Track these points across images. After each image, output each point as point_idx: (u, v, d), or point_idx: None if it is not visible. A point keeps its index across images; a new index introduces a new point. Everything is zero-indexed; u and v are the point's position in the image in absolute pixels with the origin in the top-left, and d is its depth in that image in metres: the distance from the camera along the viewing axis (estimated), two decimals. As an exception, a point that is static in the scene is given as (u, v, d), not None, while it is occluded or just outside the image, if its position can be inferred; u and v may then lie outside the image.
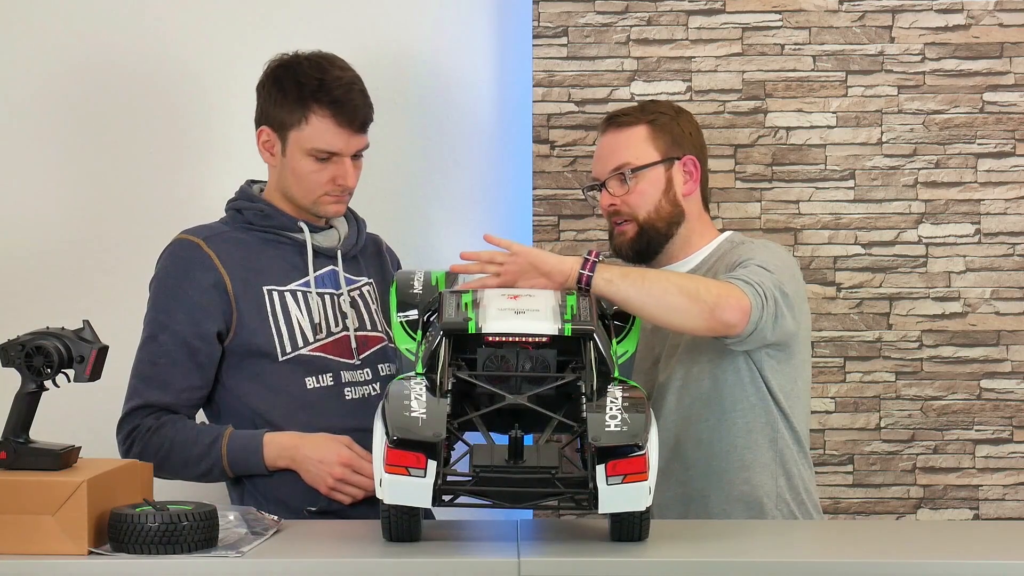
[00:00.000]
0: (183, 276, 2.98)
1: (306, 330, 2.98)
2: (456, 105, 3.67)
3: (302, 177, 2.99)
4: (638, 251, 3.08)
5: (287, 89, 2.98)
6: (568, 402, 2.51)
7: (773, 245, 3.07)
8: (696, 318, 2.75)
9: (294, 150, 2.99)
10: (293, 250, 3.03)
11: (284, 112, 2.99)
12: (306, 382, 2.97)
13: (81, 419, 3.18)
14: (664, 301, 2.73)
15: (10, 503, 2.40)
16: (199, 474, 2.94)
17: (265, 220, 3.03)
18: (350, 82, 2.99)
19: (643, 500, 2.38)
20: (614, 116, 3.13)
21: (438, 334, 2.51)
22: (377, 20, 3.67)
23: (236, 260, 2.99)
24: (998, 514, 3.56)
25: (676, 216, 3.06)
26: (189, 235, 3.03)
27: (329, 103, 2.95)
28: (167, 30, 3.67)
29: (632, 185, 3.05)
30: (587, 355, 2.49)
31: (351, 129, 2.97)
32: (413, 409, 2.38)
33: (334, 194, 3.01)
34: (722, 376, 2.95)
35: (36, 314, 2.95)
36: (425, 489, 2.34)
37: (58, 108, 3.68)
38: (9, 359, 2.53)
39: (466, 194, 3.69)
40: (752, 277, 2.83)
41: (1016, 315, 3.57)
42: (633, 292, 2.72)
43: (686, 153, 3.08)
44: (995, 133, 3.57)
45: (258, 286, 2.97)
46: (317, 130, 2.97)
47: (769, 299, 2.82)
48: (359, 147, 3.01)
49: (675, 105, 3.17)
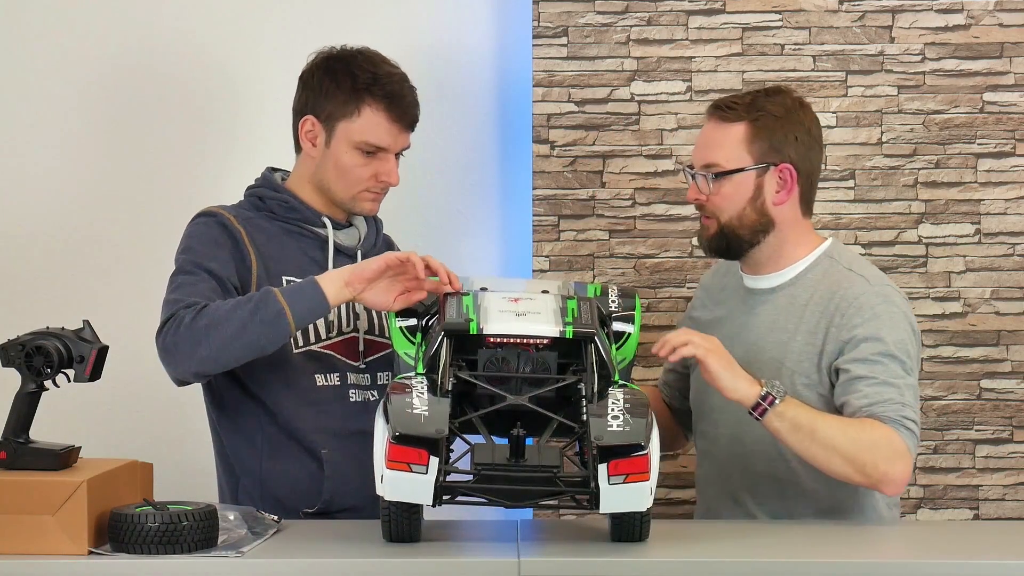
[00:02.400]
0: (219, 237, 2.92)
1: (319, 325, 2.96)
2: (456, 105, 3.67)
3: (346, 170, 2.97)
4: (717, 250, 2.99)
5: (340, 80, 2.96)
6: (568, 405, 2.51)
7: (889, 292, 2.92)
8: (857, 481, 2.79)
9: (341, 142, 2.97)
10: (314, 244, 3.01)
11: (335, 103, 2.96)
12: (316, 378, 2.96)
13: (81, 419, 3.18)
14: (828, 465, 2.77)
15: (10, 503, 2.40)
16: (253, 338, 2.74)
17: (289, 212, 3.00)
18: (402, 79, 2.99)
19: (644, 500, 2.38)
20: (720, 105, 2.98)
21: (439, 335, 2.51)
22: (377, 20, 3.67)
23: (260, 244, 2.96)
24: (998, 514, 3.56)
25: (763, 225, 2.94)
26: (217, 208, 2.98)
27: (383, 97, 2.95)
28: (168, 31, 3.67)
29: (717, 187, 2.93)
30: (588, 358, 2.49)
31: (401, 125, 2.98)
32: (415, 406, 2.38)
33: (374, 191, 3.00)
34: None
35: (36, 314, 2.95)
36: (427, 486, 2.34)
37: (58, 108, 3.68)
38: (9, 359, 2.53)
39: (466, 194, 3.69)
40: (907, 412, 2.77)
41: (1016, 315, 3.57)
42: (798, 447, 2.76)
43: (784, 160, 2.93)
44: (995, 133, 3.57)
45: (278, 275, 2.95)
46: (369, 123, 2.96)
47: (918, 430, 2.81)
48: (404, 145, 3.01)
49: (792, 100, 2.99)
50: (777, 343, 2.94)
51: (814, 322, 2.91)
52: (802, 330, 2.92)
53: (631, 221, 3.59)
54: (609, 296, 2.74)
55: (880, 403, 2.78)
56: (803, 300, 2.94)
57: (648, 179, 3.59)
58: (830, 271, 2.96)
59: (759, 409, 2.72)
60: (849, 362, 2.84)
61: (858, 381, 2.81)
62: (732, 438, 2.98)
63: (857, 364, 2.83)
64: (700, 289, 3.20)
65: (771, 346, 2.94)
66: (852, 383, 2.82)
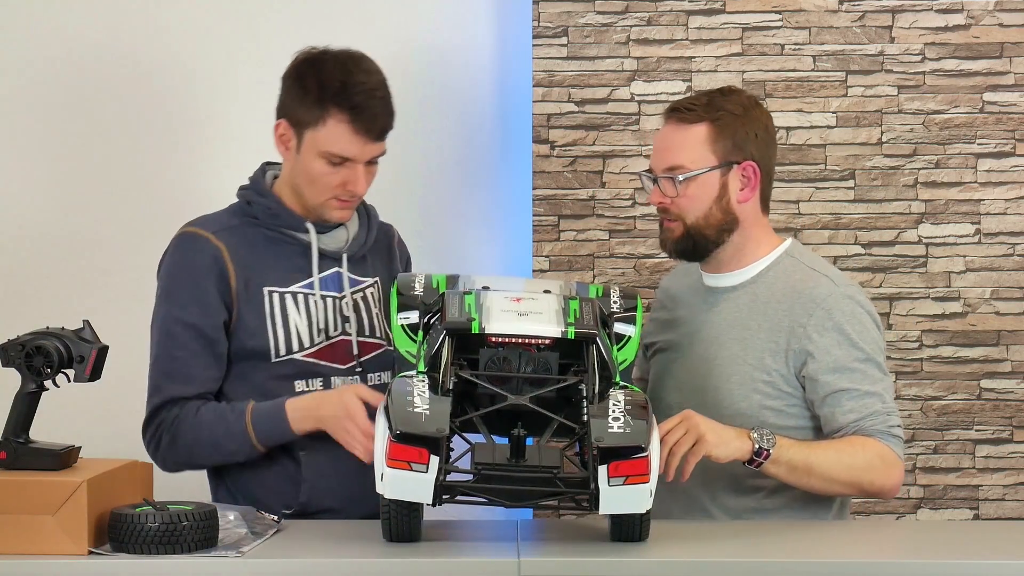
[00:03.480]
0: (193, 268, 2.94)
1: (303, 334, 2.95)
2: (456, 105, 3.67)
3: (313, 178, 2.95)
4: (683, 252, 2.99)
5: (308, 87, 2.93)
6: (569, 406, 2.51)
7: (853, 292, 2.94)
8: (858, 497, 2.98)
9: (308, 149, 2.94)
10: (298, 251, 2.99)
11: (303, 110, 2.94)
12: (295, 385, 2.95)
13: (81, 419, 3.18)
14: (828, 492, 2.86)
15: (10, 503, 2.40)
16: (230, 453, 2.89)
17: (272, 218, 2.99)
18: (372, 88, 2.93)
19: (644, 502, 2.38)
20: (677, 108, 2.98)
21: (441, 333, 2.51)
22: (377, 20, 3.67)
23: (241, 257, 2.95)
24: (998, 514, 3.56)
25: (728, 224, 2.95)
26: (197, 228, 2.98)
27: (348, 108, 2.90)
28: (168, 30, 3.67)
29: (683, 189, 2.93)
30: (589, 359, 2.49)
31: (367, 136, 2.92)
32: (416, 404, 2.38)
33: (342, 198, 2.96)
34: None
35: (36, 314, 2.95)
36: (427, 485, 2.34)
37: (57, 107, 3.68)
38: (9, 359, 2.53)
39: (466, 194, 3.68)
40: (891, 420, 2.84)
41: (1016, 315, 3.57)
42: (797, 484, 2.82)
43: (747, 158, 2.93)
44: (995, 133, 3.57)
45: (259, 287, 2.95)
46: (333, 133, 2.91)
47: (902, 428, 2.88)
48: (374, 154, 2.96)
49: (747, 98, 2.99)
50: (738, 339, 2.94)
51: (776, 319, 2.92)
52: (764, 327, 2.92)
53: (631, 221, 3.59)
54: (611, 297, 2.73)
55: (867, 417, 2.83)
56: (764, 297, 2.95)
57: (648, 179, 3.59)
58: (792, 269, 2.96)
59: (755, 463, 2.77)
60: (827, 372, 2.86)
61: (841, 395, 2.85)
62: None
63: (836, 376, 2.85)
64: (659, 291, 3.20)
65: (731, 342, 2.95)
66: (835, 397, 2.85)
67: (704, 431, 2.73)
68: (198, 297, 2.92)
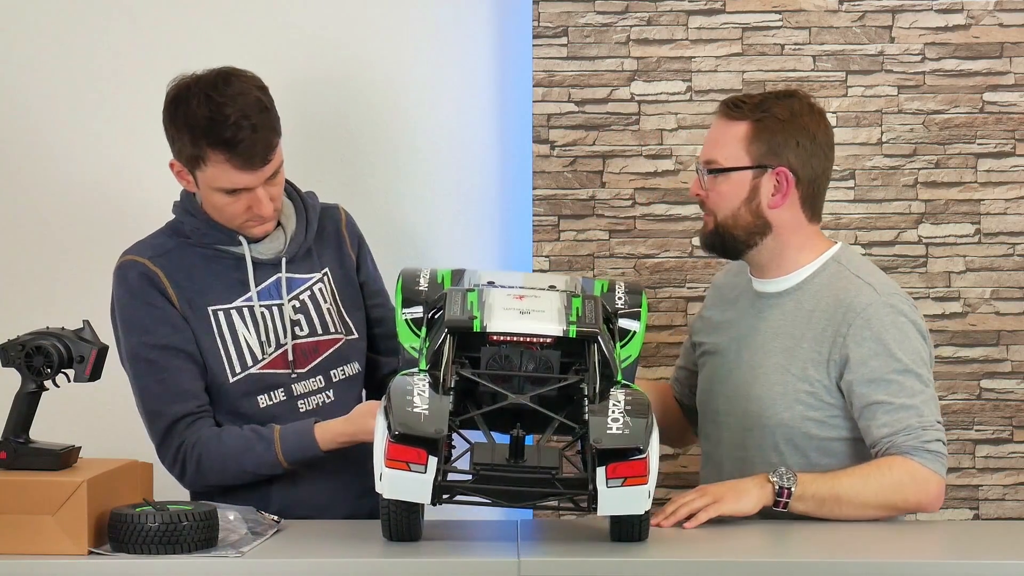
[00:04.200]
0: (143, 293, 2.91)
1: (254, 348, 2.93)
2: (456, 105, 3.67)
3: (219, 209, 2.91)
4: (713, 247, 2.99)
5: (180, 128, 2.88)
6: (570, 404, 2.51)
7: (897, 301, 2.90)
8: (897, 516, 2.85)
9: (204, 186, 2.90)
10: (235, 265, 2.96)
11: (184, 151, 2.89)
12: (259, 401, 2.94)
13: (81, 419, 3.18)
14: (864, 518, 2.79)
15: (10, 503, 2.40)
16: (256, 476, 2.89)
17: (204, 237, 2.95)
18: (239, 119, 2.82)
19: (643, 503, 2.38)
20: (729, 102, 2.98)
21: (443, 331, 2.51)
22: (377, 20, 3.66)
23: (180, 280, 2.93)
24: (998, 514, 3.56)
25: (758, 227, 2.93)
26: (133, 255, 2.95)
27: (221, 146, 2.83)
28: (164, 28, 3.67)
29: (713, 183, 2.93)
30: (591, 357, 2.49)
31: (250, 167, 2.85)
32: (416, 404, 2.38)
33: (255, 219, 2.93)
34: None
35: (36, 314, 2.95)
36: (425, 485, 2.35)
37: (57, 107, 3.67)
38: (9, 359, 2.53)
39: (466, 194, 3.68)
40: (927, 435, 2.79)
41: (1016, 315, 3.57)
42: (831, 516, 2.77)
43: (782, 164, 2.91)
44: (995, 133, 3.57)
45: (203, 307, 2.92)
46: (216, 172, 2.86)
47: (944, 440, 2.84)
48: (267, 175, 2.88)
49: (802, 104, 2.96)
50: (783, 349, 2.93)
51: (820, 329, 2.90)
52: (808, 337, 2.91)
53: (631, 221, 3.59)
54: (616, 293, 2.73)
55: (899, 432, 2.80)
56: (809, 306, 2.93)
57: (648, 179, 3.59)
58: (837, 277, 2.94)
59: (780, 504, 2.74)
60: (864, 384, 2.84)
61: (876, 408, 2.82)
62: (734, 443, 2.97)
63: (873, 387, 2.83)
64: (712, 288, 3.19)
65: (777, 352, 2.94)
66: (871, 410, 2.83)
67: (721, 493, 2.72)
68: (161, 317, 2.90)
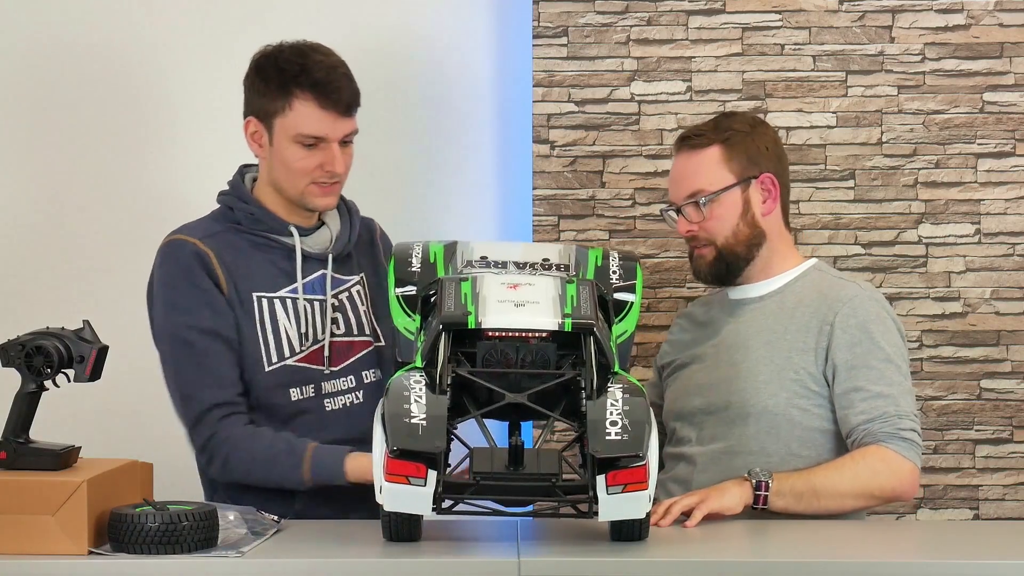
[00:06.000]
0: (191, 273, 2.91)
1: (293, 339, 2.94)
2: (456, 105, 3.67)
3: (290, 165, 2.93)
4: (717, 275, 3.06)
5: (269, 77, 2.93)
6: (568, 394, 2.50)
7: (879, 297, 3.01)
8: (876, 506, 2.93)
9: (280, 138, 2.93)
10: (283, 255, 2.98)
11: (268, 100, 2.93)
12: (291, 393, 2.94)
13: (81, 419, 3.18)
14: (843, 509, 2.84)
15: (10, 503, 2.40)
16: (278, 486, 2.88)
17: (255, 224, 2.97)
18: (332, 65, 2.93)
19: (643, 508, 2.38)
20: (687, 137, 3.07)
21: (437, 328, 2.50)
22: (376, 19, 3.67)
23: (229, 262, 2.93)
24: (998, 514, 3.56)
25: (756, 238, 3.03)
26: (182, 235, 2.96)
27: (311, 86, 2.90)
28: (158, 24, 3.67)
29: (708, 211, 3.01)
30: (587, 350, 2.49)
31: (336, 111, 2.91)
32: (413, 414, 2.37)
33: (322, 183, 2.94)
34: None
35: (36, 314, 2.95)
36: (425, 497, 2.34)
37: (57, 106, 3.68)
38: (9, 359, 2.53)
39: (466, 194, 3.68)
40: (902, 423, 2.84)
41: (1016, 315, 3.57)
42: (810, 510, 2.81)
43: (763, 171, 3.02)
44: (995, 133, 3.57)
45: (248, 292, 2.93)
46: (301, 115, 2.91)
47: (919, 430, 2.88)
48: (346, 132, 2.94)
49: (751, 117, 3.14)
50: (765, 343, 2.98)
51: (804, 320, 2.96)
52: (791, 329, 2.97)
53: (631, 221, 3.59)
54: (610, 265, 2.70)
55: (876, 419, 2.86)
56: (792, 303, 3.00)
57: (648, 179, 3.59)
58: (819, 279, 3.03)
59: (760, 500, 2.77)
60: (845, 368, 2.91)
61: (854, 395, 2.89)
62: (714, 438, 2.99)
63: (854, 373, 2.90)
64: (681, 317, 3.25)
65: (758, 346, 2.98)
66: (848, 397, 2.89)
67: (705, 492, 2.74)
68: (206, 301, 2.91)
